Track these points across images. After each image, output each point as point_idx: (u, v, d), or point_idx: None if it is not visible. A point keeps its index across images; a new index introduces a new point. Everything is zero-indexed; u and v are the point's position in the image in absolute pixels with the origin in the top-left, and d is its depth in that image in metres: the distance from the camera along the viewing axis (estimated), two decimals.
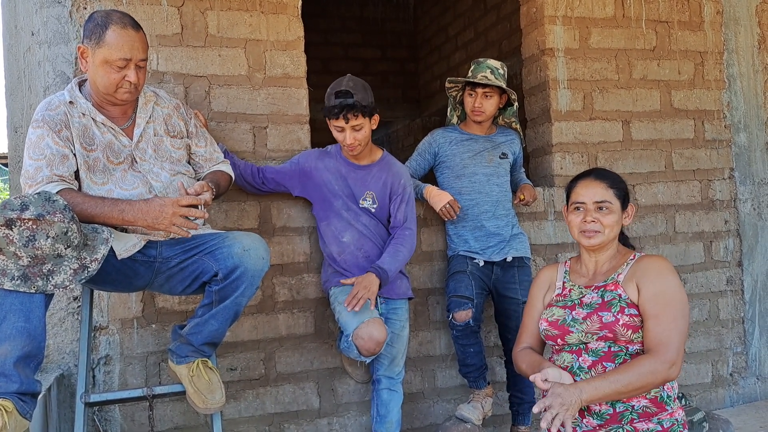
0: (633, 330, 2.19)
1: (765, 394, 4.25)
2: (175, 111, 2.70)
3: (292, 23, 3.37)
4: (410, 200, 3.19)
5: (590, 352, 2.23)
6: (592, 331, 2.22)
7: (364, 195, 3.12)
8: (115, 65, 2.37)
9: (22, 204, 2.09)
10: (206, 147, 2.80)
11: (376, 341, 2.85)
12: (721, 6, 4.26)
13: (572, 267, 2.48)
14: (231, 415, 3.19)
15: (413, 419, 3.49)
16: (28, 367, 2.14)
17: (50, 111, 2.42)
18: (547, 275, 2.52)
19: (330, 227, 3.13)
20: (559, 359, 2.31)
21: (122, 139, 2.52)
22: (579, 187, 2.38)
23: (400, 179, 3.16)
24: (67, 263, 2.16)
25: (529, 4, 4.00)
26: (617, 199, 2.35)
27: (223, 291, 2.49)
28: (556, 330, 2.31)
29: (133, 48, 2.38)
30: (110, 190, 2.46)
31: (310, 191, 3.17)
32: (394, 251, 3.08)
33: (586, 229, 2.32)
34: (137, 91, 2.47)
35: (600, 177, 2.38)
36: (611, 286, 2.28)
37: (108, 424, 3.04)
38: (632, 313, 2.20)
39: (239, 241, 2.50)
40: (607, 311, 2.22)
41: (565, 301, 2.36)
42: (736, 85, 4.30)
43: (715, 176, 4.20)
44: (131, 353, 3.07)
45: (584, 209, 2.34)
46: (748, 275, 4.24)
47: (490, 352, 3.61)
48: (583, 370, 2.23)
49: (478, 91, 3.39)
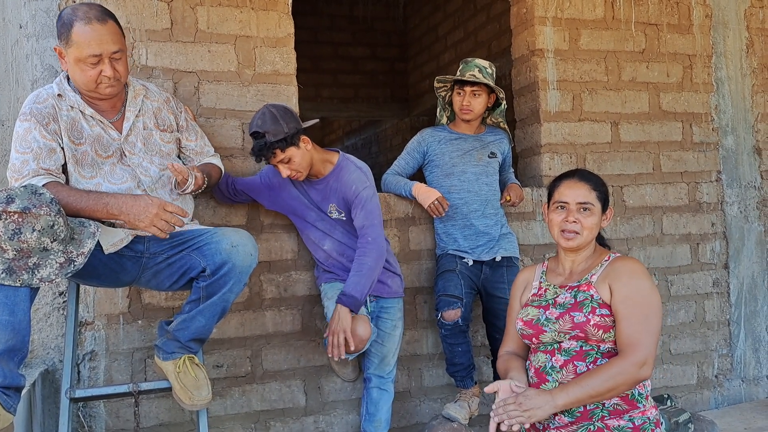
0: (604, 330, 2.21)
1: (750, 396, 4.28)
2: (165, 104, 2.69)
3: (282, 20, 3.36)
4: (366, 204, 2.97)
5: (563, 352, 2.26)
6: (564, 331, 2.25)
7: (329, 208, 3.06)
8: (88, 62, 2.34)
9: (7, 197, 2.07)
10: (197, 141, 2.81)
11: (360, 338, 2.83)
12: (710, 9, 4.29)
13: (549, 267, 2.51)
14: (217, 413, 3.18)
15: (400, 418, 3.49)
16: (12, 361, 2.12)
17: (38, 104, 2.40)
18: (525, 276, 2.55)
19: (310, 237, 3.13)
20: (534, 359, 2.34)
21: (111, 132, 2.50)
22: (563, 187, 2.40)
23: (351, 187, 2.98)
24: (53, 257, 2.14)
25: (519, 4, 4.01)
26: (599, 202, 2.38)
27: (210, 287, 2.48)
28: (530, 329, 2.34)
29: (101, 43, 2.33)
30: (98, 183, 2.45)
31: (281, 205, 3.13)
32: (358, 267, 2.90)
33: (567, 229, 2.34)
34: (120, 83, 2.44)
35: (584, 178, 2.41)
36: (584, 287, 2.31)
37: (93, 420, 3.02)
38: (603, 313, 2.22)
39: (228, 237, 2.49)
40: (578, 311, 2.24)
41: (540, 300, 2.39)
42: (724, 89, 4.33)
43: (703, 179, 4.23)
44: (117, 349, 3.05)
45: (567, 209, 2.36)
46: (734, 277, 4.27)
47: (478, 352, 3.62)
48: (555, 370, 2.26)
49: (466, 90, 3.40)
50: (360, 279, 2.86)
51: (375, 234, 2.95)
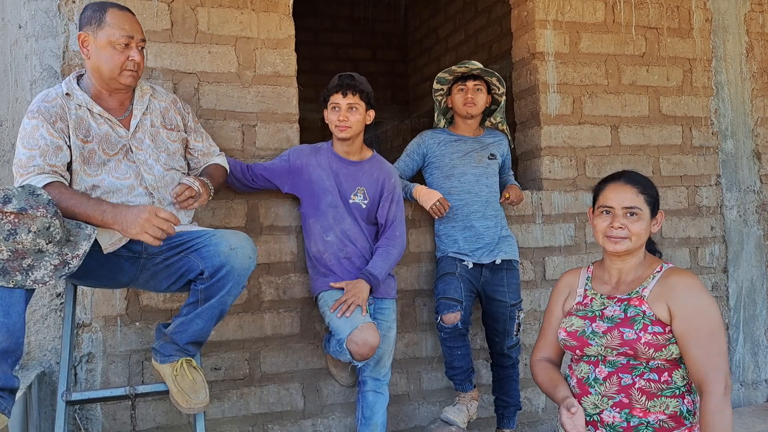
0: (656, 349, 2.09)
1: (748, 401, 4.28)
2: (172, 105, 2.72)
3: (283, 21, 3.35)
4: (400, 201, 3.20)
5: (608, 363, 2.15)
6: (612, 346, 2.12)
7: (355, 190, 3.11)
8: (119, 44, 2.43)
9: (4, 197, 2.06)
10: (203, 142, 2.84)
11: (370, 346, 2.84)
12: (711, 14, 4.29)
13: (595, 273, 2.35)
14: (214, 415, 3.16)
15: (398, 421, 3.48)
16: (6, 363, 2.10)
17: (46, 102, 2.44)
18: (568, 281, 2.39)
19: (316, 224, 3.12)
20: (577, 369, 2.23)
21: (119, 129, 2.53)
22: (608, 190, 2.25)
23: (391, 178, 3.17)
24: (47, 258, 2.13)
25: (520, 7, 4.01)
26: (647, 206, 2.22)
27: (208, 290, 2.46)
28: (574, 341, 2.21)
29: (134, 26, 2.47)
30: (102, 179, 2.47)
31: (300, 188, 3.15)
32: (385, 254, 3.08)
33: (612, 235, 2.19)
34: (138, 75, 2.51)
35: (631, 181, 2.25)
36: (635, 301, 2.16)
37: (89, 423, 3.01)
38: (656, 331, 2.09)
39: (226, 239, 2.48)
40: (629, 327, 2.11)
41: (585, 311, 2.25)
42: (724, 93, 4.32)
43: (702, 183, 4.22)
44: (114, 351, 3.03)
45: (612, 214, 2.21)
46: (733, 281, 4.26)
47: (477, 355, 3.61)
48: (598, 382, 2.15)
49: (469, 85, 3.40)
50: (384, 264, 3.07)
51: (402, 230, 3.18)
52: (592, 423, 2.15)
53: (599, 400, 2.15)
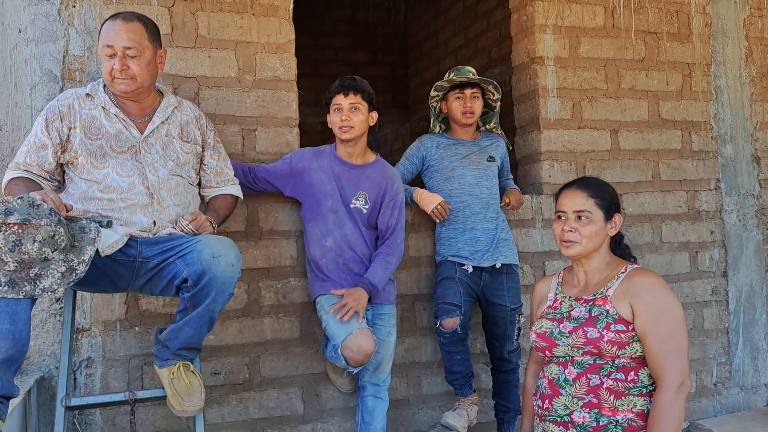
0: (619, 347, 2.15)
1: (748, 405, 4.27)
2: (195, 121, 2.77)
3: (282, 26, 3.36)
4: (402, 208, 3.20)
5: (576, 365, 2.23)
6: (577, 346, 2.20)
7: (356, 195, 3.11)
8: (105, 54, 2.48)
9: (6, 209, 2.06)
10: (218, 161, 2.85)
11: (365, 353, 2.84)
12: (710, 18, 4.30)
13: (565, 278, 2.46)
14: (214, 420, 3.16)
15: (398, 426, 3.48)
16: (9, 371, 2.10)
17: (57, 102, 2.54)
18: (540, 289, 2.52)
19: (315, 228, 3.12)
20: (548, 370, 2.31)
21: (133, 131, 2.58)
22: (562, 196, 2.38)
23: (394, 183, 3.17)
24: (54, 266, 2.14)
25: (519, 12, 4.01)
26: (599, 209, 2.31)
27: (194, 298, 2.44)
28: (543, 342, 2.30)
29: (116, 36, 2.47)
30: (107, 174, 2.50)
31: (301, 191, 3.15)
32: (384, 262, 3.09)
33: (564, 239, 2.32)
34: (134, 82, 2.52)
35: (583, 186, 2.36)
36: (599, 301, 2.25)
37: (88, 427, 3.01)
38: (619, 329, 2.16)
39: (209, 246, 2.42)
40: (592, 327, 2.19)
41: (554, 313, 2.35)
42: (723, 97, 4.33)
43: (702, 187, 4.23)
44: (114, 356, 3.03)
45: (565, 218, 2.34)
46: (732, 286, 4.26)
47: (477, 360, 3.61)
48: (568, 383, 2.22)
49: (466, 93, 3.41)
50: (383, 273, 3.07)
51: (401, 238, 3.19)
52: (563, 424, 2.21)
53: (569, 401, 2.21)
